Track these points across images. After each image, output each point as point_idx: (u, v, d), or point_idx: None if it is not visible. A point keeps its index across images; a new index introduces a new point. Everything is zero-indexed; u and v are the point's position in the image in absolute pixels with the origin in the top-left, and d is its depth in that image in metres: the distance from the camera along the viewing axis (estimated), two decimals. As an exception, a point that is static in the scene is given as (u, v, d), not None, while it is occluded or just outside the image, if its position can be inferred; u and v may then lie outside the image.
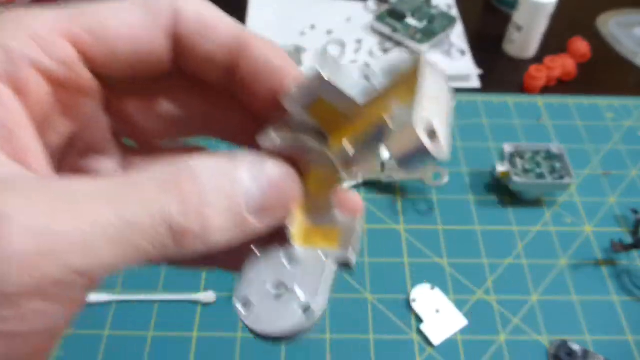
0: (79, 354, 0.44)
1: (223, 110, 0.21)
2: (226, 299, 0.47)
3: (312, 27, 0.74)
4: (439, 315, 0.47)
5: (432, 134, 0.15)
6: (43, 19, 0.17)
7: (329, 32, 0.73)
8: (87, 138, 0.20)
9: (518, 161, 0.55)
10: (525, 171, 0.54)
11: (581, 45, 0.70)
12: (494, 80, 0.69)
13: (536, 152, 0.56)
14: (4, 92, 0.16)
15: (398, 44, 0.71)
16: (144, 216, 0.14)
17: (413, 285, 0.48)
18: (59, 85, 0.17)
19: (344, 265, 0.19)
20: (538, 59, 0.70)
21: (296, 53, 0.69)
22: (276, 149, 0.18)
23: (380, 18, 0.73)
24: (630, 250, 0.50)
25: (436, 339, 0.45)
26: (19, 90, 0.16)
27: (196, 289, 0.48)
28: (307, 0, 0.79)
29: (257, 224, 0.17)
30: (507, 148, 0.56)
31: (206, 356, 0.44)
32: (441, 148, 0.14)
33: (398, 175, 0.54)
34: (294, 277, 0.18)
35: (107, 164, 0.21)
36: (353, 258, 0.19)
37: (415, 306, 0.47)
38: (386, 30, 0.72)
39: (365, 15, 0.76)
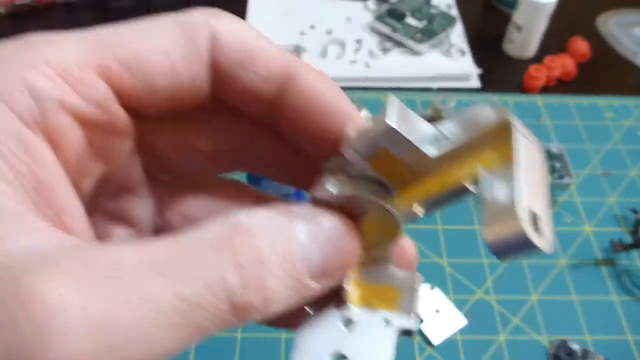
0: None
1: (265, 146, 0.19)
2: (226, 299, 0.47)
3: (312, 27, 0.74)
4: (439, 315, 0.47)
5: (535, 222, 0.13)
6: (70, 50, 0.14)
7: (329, 32, 0.73)
8: (119, 179, 0.18)
9: (518, 161, 0.55)
10: (525, 171, 0.54)
11: (581, 45, 0.70)
12: (494, 80, 0.69)
13: (536, 152, 0.55)
14: (37, 144, 0.14)
15: (398, 44, 0.71)
16: (204, 293, 0.13)
17: (413, 285, 0.48)
18: (92, 127, 0.15)
19: (408, 333, 0.17)
20: (538, 59, 0.70)
21: (296, 53, 0.69)
22: (334, 200, 0.16)
23: (380, 18, 0.73)
24: (630, 250, 0.50)
25: (436, 339, 0.45)
26: (52, 139, 0.14)
27: (196, 289, 0.47)
28: (307, 0, 0.79)
29: (317, 288, 0.15)
30: (507, 148, 0.55)
31: (206, 356, 0.44)
32: (547, 240, 0.12)
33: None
34: (352, 345, 0.16)
35: (142, 205, 0.19)
36: (416, 326, 0.17)
37: (415, 306, 0.47)
38: (386, 30, 0.72)
39: (365, 15, 0.76)
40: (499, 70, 0.70)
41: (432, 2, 0.75)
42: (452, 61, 0.70)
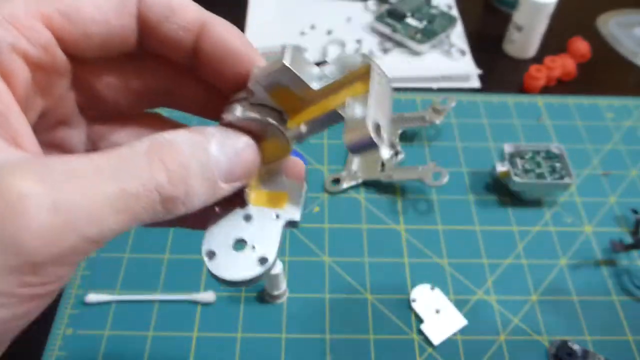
0: (79, 354, 0.44)
1: (185, 85, 0.23)
2: (226, 299, 0.47)
3: (312, 27, 0.74)
4: (439, 315, 0.47)
5: (377, 130, 0.18)
6: (19, 3, 0.17)
7: (329, 32, 0.73)
8: (57, 113, 0.21)
9: (518, 161, 0.55)
10: (526, 171, 0.54)
11: (581, 45, 0.70)
12: (494, 80, 0.69)
13: (536, 152, 0.56)
14: None
15: (398, 44, 0.71)
16: (140, 187, 0.17)
17: (413, 285, 0.48)
18: (37, 67, 0.18)
19: (292, 224, 0.22)
20: (538, 59, 0.70)
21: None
22: (239, 122, 0.20)
23: (380, 18, 0.73)
24: (630, 250, 0.50)
25: (436, 339, 0.45)
26: (5, 74, 0.17)
27: (196, 289, 0.48)
28: (307, 0, 0.79)
29: (226, 189, 0.20)
30: (507, 148, 0.56)
31: (206, 356, 0.44)
32: (385, 141, 0.18)
33: (398, 176, 0.54)
34: (251, 233, 0.21)
35: (75, 135, 0.22)
36: (299, 218, 0.22)
37: (415, 306, 0.47)
38: (386, 30, 0.72)
39: (365, 15, 0.76)
40: (499, 70, 0.70)
41: (432, 2, 0.75)
42: (452, 61, 0.70)
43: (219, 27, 0.20)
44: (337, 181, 0.56)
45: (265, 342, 0.45)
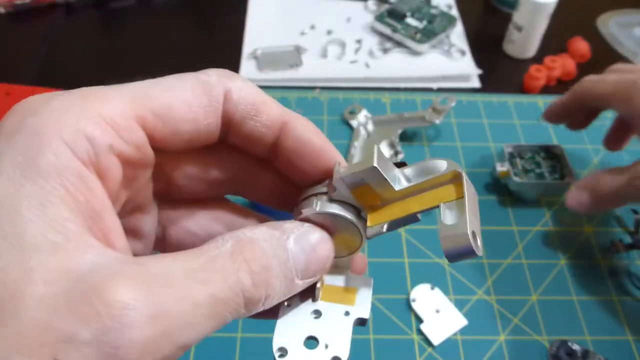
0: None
1: (261, 176, 0.24)
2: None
3: (312, 27, 0.74)
4: (439, 315, 0.47)
5: (474, 238, 0.18)
6: (116, 103, 0.18)
7: (329, 32, 0.73)
8: (135, 201, 0.22)
9: (518, 161, 0.55)
10: (525, 171, 0.54)
11: (581, 45, 0.70)
12: (494, 80, 0.69)
13: (536, 152, 0.56)
14: (91, 178, 0.17)
15: (398, 44, 0.71)
16: (227, 292, 0.17)
17: (413, 285, 0.48)
18: (128, 163, 0.19)
19: (361, 321, 0.22)
20: (538, 59, 0.70)
21: (296, 53, 0.69)
22: (317, 218, 0.21)
23: (380, 18, 0.73)
24: (630, 250, 0.50)
25: (436, 339, 0.45)
26: (101, 174, 0.18)
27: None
28: (307, 0, 0.79)
29: (301, 285, 0.20)
30: (507, 148, 0.56)
31: (206, 356, 0.44)
32: (480, 248, 0.18)
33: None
34: (321, 330, 0.21)
35: (148, 220, 0.23)
36: (368, 315, 0.22)
37: (415, 306, 0.47)
38: (386, 30, 0.72)
39: (365, 15, 0.76)
40: (499, 70, 0.70)
41: (432, 2, 0.75)
42: (452, 61, 0.70)
43: (300, 125, 0.21)
44: (337, 181, 0.56)
45: (265, 342, 0.45)
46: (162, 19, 0.77)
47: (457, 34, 0.74)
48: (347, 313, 0.22)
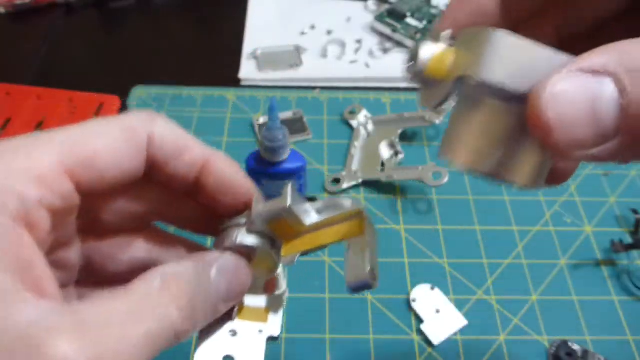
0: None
1: (183, 207, 0.25)
2: (226, 299, 0.47)
3: (312, 27, 0.74)
4: (439, 315, 0.47)
5: (372, 272, 0.22)
6: (44, 157, 0.19)
7: (329, 32, 0.73)
8: (61, 239, 0.22)
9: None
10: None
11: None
12: (494, 80, 0.68)
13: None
14: (20, 232, 0.18)
15: (398, 44, 0.71)
16: (159, 328, 0.18)
17: (413, 285, 0.48)
18: (56, 212, 0.20)
19: (272, 338, 0.24)
20: (538, 59, 0.70)
21: (296, 53, 0.69)
22: (237, 248, 0.22)
23: (380, 18, 0.73)
24: (630, 250, 0.50)
25: (436, 339, 0.45)
26: (31, 226, 0.18)
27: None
28: (307, 0, 0.79)
29: (224, 309, 0.22)
30: (507, 148, 0.55)
31: None
32: (377, 280, 0.22)
33: (398, 176, 0.54)
34: (237, 349, 0.23)
35: (72, 253, 0.23)
36: (278, 334, 0.24)
37: (415, 306, 0.47)
38: (386, 30, 0.72)
39: (365, 15, 0.76)
40: (499, 70, 0.70)
41: (432, 2, 0.75)
42: (452, 61, 0.70)
43: (220, 163, 0.23)
44: (337, 181, 0.56)
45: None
46: (162, 19, 0.77)
47: (457, 34, 0.74)
48: (260, 331, 0.24)
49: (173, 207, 0.25)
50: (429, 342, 0.45)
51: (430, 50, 0.19)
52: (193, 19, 0.78)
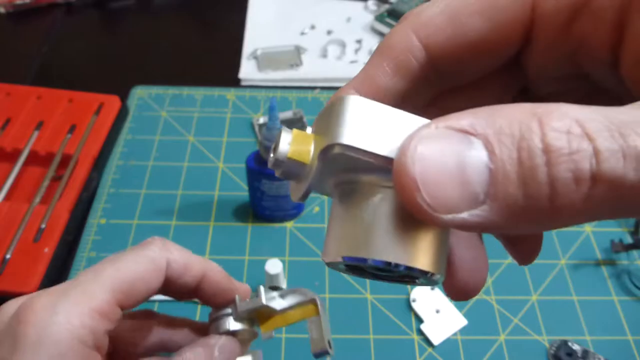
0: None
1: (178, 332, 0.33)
2: (226, 299, 0.47)
3: (312, 27, 0.74)
4: (439, 315, 0.47)
5: (329, 344, 0.29)
6: (100, 295, 0.26)
7: (329, 32, 0.73)
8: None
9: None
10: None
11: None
12: (494, 80, 0.69)
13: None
14: (96, 356, 0.26)
15: (398, 44, 0.71)
16: None
17: (413, 286, 0.48)
18: (109, 332, 0.27)
19: None
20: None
21: (296, 53, 0.69)
22: (229, 332, 0.30)
23: (380, 18, 0.73)
24: (630, 250, 0.50)
25: (436, 339, 0.45)
26: (99, 349, 0.26)
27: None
28: (307, 0, 0.79)
29: None
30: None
31: (206, 356, 0.44)
32: (332, 351, 0.29)
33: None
34: None
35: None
36: None
37: (415, 306, 0.47)
38: (386, 30, 0.72)
39: (365, 15, 0.76)
40: (499, 70, 0.70)
41: (432, 2, 0.75)
42: (452, 61, 0.70)
43: (213, 273, 0.31)
44: (337, 181, 0.56)
45: (265, 341, 0.45)
46: (162, 19, 0.77)
47: (457, 34, 0.74)
48: None
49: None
50: (429, 342, 0.45)
51: (290, 135, 0.18)
52: (193, 19, 0.78)
